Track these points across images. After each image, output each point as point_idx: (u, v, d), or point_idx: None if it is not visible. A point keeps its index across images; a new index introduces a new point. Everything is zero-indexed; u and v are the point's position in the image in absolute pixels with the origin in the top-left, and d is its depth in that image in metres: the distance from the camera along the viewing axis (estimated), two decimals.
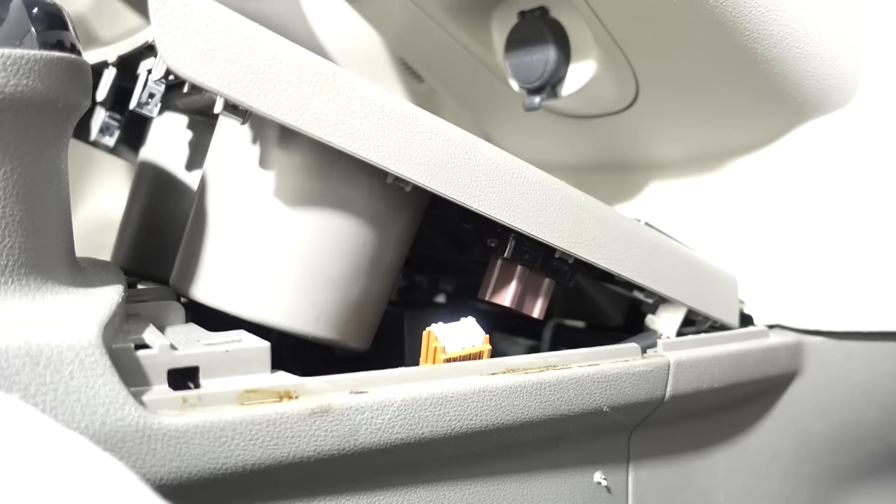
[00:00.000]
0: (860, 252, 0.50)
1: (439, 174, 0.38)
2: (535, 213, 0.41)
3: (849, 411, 0.53)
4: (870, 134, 0.50)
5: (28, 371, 0.28)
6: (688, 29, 0.47)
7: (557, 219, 0.42)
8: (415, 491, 0.38)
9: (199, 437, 0.31)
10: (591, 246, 0.43)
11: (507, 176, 0.40)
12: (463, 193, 0.39)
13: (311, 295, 0.39)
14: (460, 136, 0.39)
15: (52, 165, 0.33)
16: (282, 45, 0.35)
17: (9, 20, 0.31)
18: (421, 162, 0.38)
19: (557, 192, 0.42)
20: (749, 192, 0.54)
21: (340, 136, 0.36)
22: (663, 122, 0.56)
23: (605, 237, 0.43)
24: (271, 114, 0.34)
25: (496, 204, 0.40)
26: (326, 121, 0.35)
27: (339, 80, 0.36)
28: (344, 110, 0.36)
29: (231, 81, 0.33)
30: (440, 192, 0.38)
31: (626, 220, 0.45)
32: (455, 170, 0.39)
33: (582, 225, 0.42)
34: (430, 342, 0.41)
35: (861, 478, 0.56)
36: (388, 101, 0.37)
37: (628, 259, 0.44)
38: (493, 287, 0.44)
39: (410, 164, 0.37)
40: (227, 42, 0.33)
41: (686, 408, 0.47)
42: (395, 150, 0.37)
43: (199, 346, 0.34)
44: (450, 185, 0.38)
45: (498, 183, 0.40)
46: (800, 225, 0.51)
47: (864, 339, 0.51)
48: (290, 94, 0.35)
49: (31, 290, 0.32)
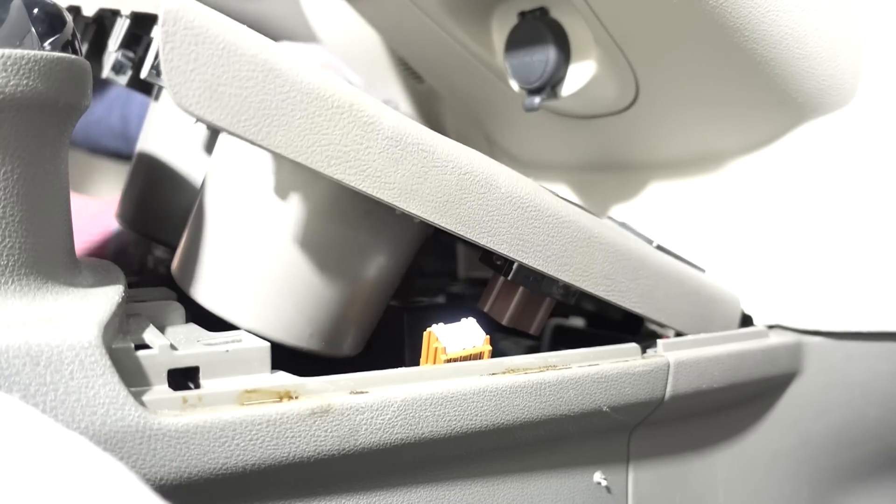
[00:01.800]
0: (860, 252, 0.50)
1: (450, 211, 0.37)
2: (545, 246, 0.40)
3: (849, 411, 0.53)
4: (870, 134, 0.50)
5: (28, 371, 0.28)
6: (688, 29, 0.47)
7: (567, 252, 0.41)
8: (415, 491, 0.38)
9: (199, 437, 0.31)
10: (597, 278, 0.43)
11: (520, 210, 0.39)
12: (473, 230, 0.38)
13: (309, 313, 0.39)
14: (478, 168, 0.38)
15: (52, 165, 0.33)
16: (298, 76, 0.33)
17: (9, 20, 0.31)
18: (432, 199, 0.37)
19: (571, 224, 0.41)
20: (749, 192, 0.54)
21: (351, 173, 0.34)
22: (663, 122, 0.56)
23: (613, 269, 0.43)
24: (281, 152, 0.33)
25: (506, 239, 0.39)
26: (338, 158, 0.34)
27: (355, 113, 0.34)
28: (358, 145, 0.34)
29: (240, 119, 0.32)
30: (449, 229, 0.37)
31: (636, 248, 0.45)
32: (467, 206, 0.38)
33: (591, 258, 0.42)
34: (431, 342, 0.41)
35: (861, 478, 0.56)
36: (406, 131, 0.36)
37: (632, 291, 0.44)
38: (493, 303, 0.44)
39: (421, 202, 0.36)
40: (238, 76, 0.31)
41: (686, 408, 0.47)
42: (406, 187, 0.36)
43: (199, 346, 0.34)
44: (460, 222, 0.38)
45: (511, 218, 0.39)
46: (800, 225, 0.51)
47: (864, 340, 0.51)
48: (302, 130, 0.33)
49: (31, 290, 0.32)
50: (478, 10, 0.57)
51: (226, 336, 0.36)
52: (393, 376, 0.37)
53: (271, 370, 0.35)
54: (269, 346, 0.35)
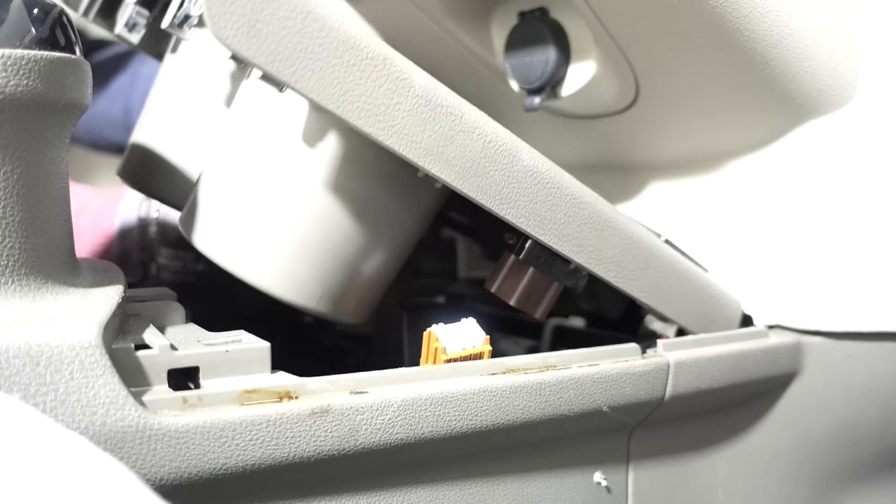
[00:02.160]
0: (860, 252, 0.50)
1: (473, 178, 0.37)
2: (561, 225, 0.40)
3: (849, 411, 0.53)
4: (870, 134, 0.50)
5: (28, 371, 0.28)
6: (688, 29, 0.47)
7: (582, 233, 0.41)
8: (415, 491, 0.38)
9: (199, 438, 0.31)
10: (608, 264, 0.43)
11: (540, 185, 0.39)
12: (493, 199, 0.38)
13: (321, 274, 0.39)
14: (502, 138, 0.38)
15: (52, 166, 0.33)
16: (336, 23, 0.33)
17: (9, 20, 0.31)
18: (457, 163, 0.37)
19: (588, 205, 0.41)
20: (749, 192, 0.54)
21: (380, 128, 0.34)
22: (663, 122, 0.56)
23: (624, 256, 0.43)
24: (314, 97, 0.33)
25: (524, 213, 0.39)
26: (369, 110, 0.34)
27: (389, 67, 0.34)
28: (388, 101, 0.34)
29: (277, 59, 0.32)
30: (470, 196, 0.37)
31: (648, 238, 0.45)
32: (490, 174, 0.38)
33: (605, 242, 0.42)
34: (431, 343, 0.41)
35: (861, 478, 0.56)
36: (436, 93, 0.36)
37: (641, 280, 0.44)
38: (501, 282, 0.43)
39: (445, 165, 0.36)
40: (277, 14, 0.31)
41: (686, 408, 0.47)
42: (432, 148, 0.36)
43: (199, 346, 0.34)
44: (481, 190, 0.37)
45: (530, 191, 0.39)
46: (800, 225, 0.51)
47: (864, 340, 0.51)
48: (335, 77, 0.33)
49: (31, 291, 0.32)
50: (478, 10, 0.57)
51: (226, 336, 0.36)
52: (393, 376, 0.37)
53: (271, 370, 0.35)
54: (269, 346, 0.35)
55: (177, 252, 0.61)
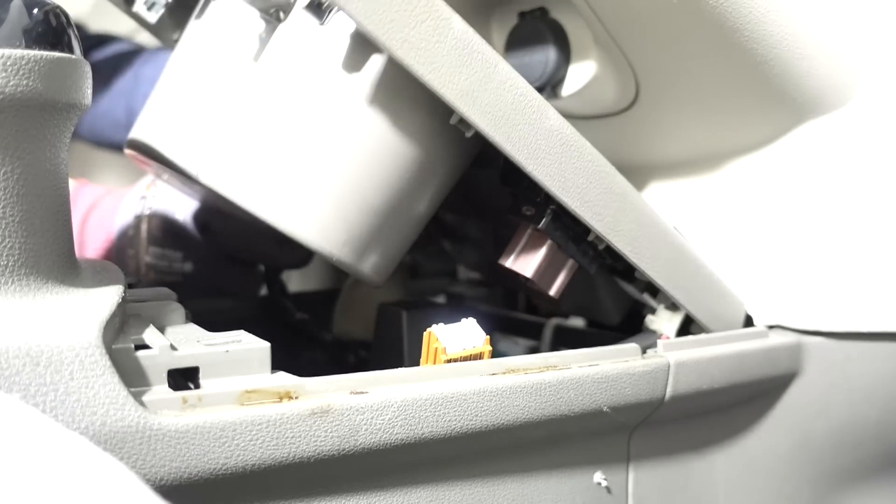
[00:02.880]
0: (860, 252, 0.50)
1: (504, 127, 0.37)
2: (583, 191, 0.41)
3: (849, 412, 0.53)
4: (870, 134, 0.50)
5: (28, 371, 0.28)
6: (688, 29, 0.47)
7: (602, 201, 0.41)
8: (415, 491, 0.38)
9: (199, 438, 0.31)
10: (625, 237, 0.43)
11: (565, 147, 0.39)
12: (522, 153, 0.38)
13: (348, 218, 0.38)
14: (532, 95, 0.38)
15: (52, 165, 0.33)
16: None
17: (9, 20, 0.31)
18: (490, 110, 0.37)
19: (608, 175, 0.41)
20: (749, 192, 0.54)
21: (421, 63, 0.34)
22: (663, 122, 0.56)
23: (640, 232, 0.43)
24: (361, 20, 0.33)
25: (549, 172, 0.39)
26: (411, 44, 0.34)
27: (431, 5, 0.35)
28: (430, 37, 0.34)
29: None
30: (501, 145, 0.37)
31: (662, 221, 0.45)
32: (520, 127, 0.38)
33: (622, 214, 0.42)
34: (431, 343, 0.41)
35: (862, 479, 0.56)
36: (472, 39, 0.36)
37: (656, 260, 0.44)
38: (518, 254, 0.43)
39: (480, 110, 0.36)
40: None
41: (686, 408, 0.47)
42: (468, 91, 0.36)
43: (199, 346, 0.34)
44: (511, 141, 0.38)
45: (556, 152, 0.39)
46: (800, 225, 0.51)
47: (865, 340, 0.51)
48: (383, 4, 0.33)
49: (31, 291, 0.32)
50: (477, 10, 0.57)
51: (226, 336, 0.36)
52: (393, 376, 0.37)
53: (271, 370, 0.35)
54: (269, 347, 0.35)
55: (164, 251, 0.60)
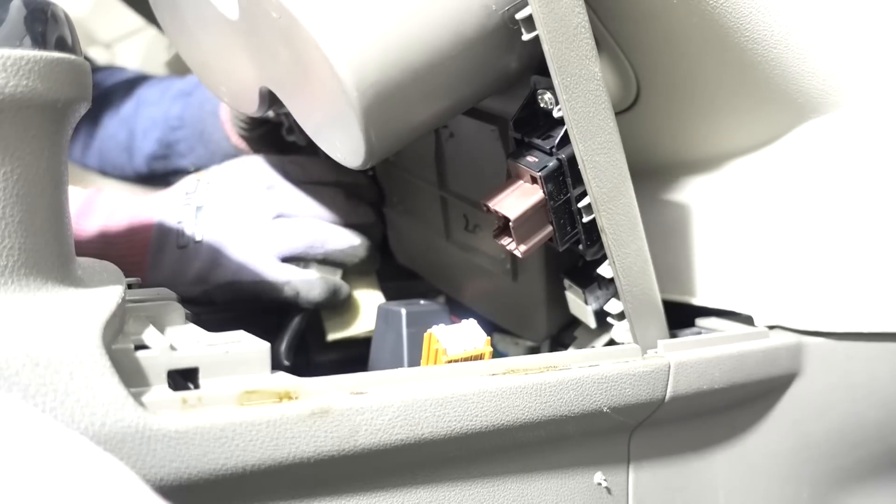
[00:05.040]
0: (860, 253, 0.50)
1: (562, 42, 0.38)
2: (597, 150, 0.41)
3: (849, 412, 0.53)
4: (870, 134, 0.50)
5: (28, 372, 0.28)
6: (688, 29, 0.47)
7: (607, 171, 0.42)
8: (415, 491, 0.38)
9: (198, 438, 0.31)
10: (613, 217, 0.43)
11: (598, 99, 0.40)
12: (566, 78, 0.39)
13: (386, 63, 0.37)
14: (588, 33, 0.39)
15: (52, 166, 0.33)
16: None
17: (9, 20, 0.31)
18: (557, 17, 0.38)
19: (618, 151, 0.42)
20: (749, 192, 0.54)
21: None
22: (664, 122, 0.56)
23: (625, 220, 0.43)
24: None
25: (579, 113, 0.40)
26: None
27: None
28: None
29: None
30: (554, 59, 0.38)
31: (640, 222, 0.45)
32: (573, 54, 0.39)
33: (618, 193, 0.43)
34: (432, 344, 0.41)
35: (862, 479, 0.56)
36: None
37: (626, 256, 0.44)
38: (504, 199, 0.43)
39: (548, 10, 0.37)
40: None
41: (686, 409, 0.47)
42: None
43: (198, 346, 0.34)
44: (562, 60, 0.38)
45: (591, 99, 0.40)
46: (800, 225, 0.51)
47: (865, 340, 0.51)
48: None
49: (32, 291, 0.32)
50: None
51: (225, 336, 0.36)
52: (393, 377, 0.37)
53: (271, 371, 0.35)
54: (269, 347, 0.35)
55: None
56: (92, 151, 0.84)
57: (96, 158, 0.84)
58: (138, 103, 0.81)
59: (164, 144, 0.76)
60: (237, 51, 0.45)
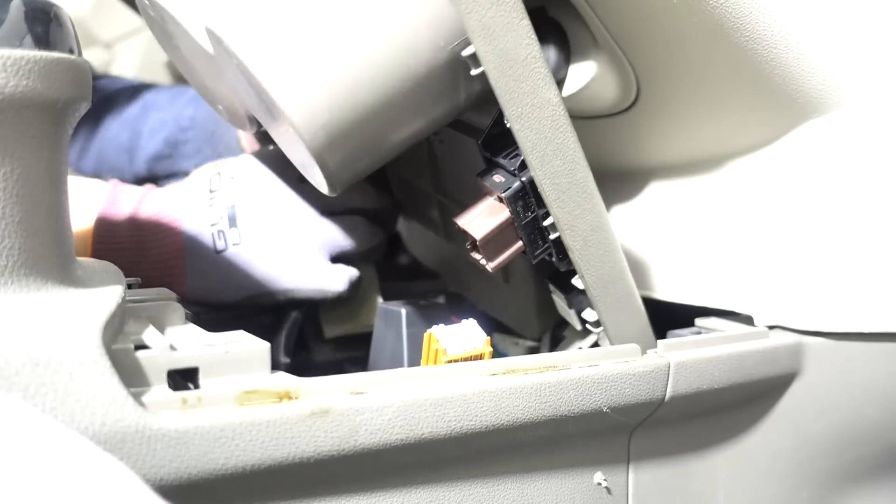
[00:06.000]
0: (860, 253, 0.50)
1: (509, 77, 0.38)
2: (556, 173, 0.41)
3: (849, 412, 0.53)
4: (870, 134, 0.50)
5: (28, 372, 0.28)
6: (688, 29, 0.47)
7: (569, 191, 0.41)
8: (415, 491, 0.38)
9: (198, 438, 0.31)
10: (579, 235, 0.43)
11: (554, 125, 0.40)
12: (515, 109, 0.38)
13: (335, 104, 0.37)
14: (540, 63, 0.39)
15: (52, 166, 0.33)
16: None
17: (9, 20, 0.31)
18: (503, 55, 0.37)
19: (582, 170, 0.42)
20: (749, 193, 0.54)
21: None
22: (664, 122, 0.56)
23: (593, 237, 0.43)
24: None
25: (533, 141, 0.39)
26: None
27: None
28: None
29: None
30: (502, 94, 0.38)
31: (614, 237, 0.45)
32: (523, 85, 0.38)
33: (583, 211, 0.42)
34: (432, 344, 0.41)
35: (862, 479, 0.56)
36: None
37: (597, 270, 0.44)
38: (474, 217, 0.43)
39: (494, 50, 0.37)
40: None
41: (686, 408, 0.47)
42: (490, 29, 0.36)
43: (198, 346, 0.34)
44: (511, 93, 0.38)
45: (545, 125, 0.39)
46: (800, 225, 0.51)
47: (865, 340, 0.51)
48: None
49: (31, 291, 0.32)
50: None
51: (225, 336, 0.36)
52: (393, 377, 0.37)
53: (271, 371, 0.35)
54: (269, 347, 0.35)
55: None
56: (89, 155, 0.84)
57: (93, 162, 0.84)
58: (145, 107, 0.81)
59: (170, 144, 0.76)
60: (222, 78, 0.46)
